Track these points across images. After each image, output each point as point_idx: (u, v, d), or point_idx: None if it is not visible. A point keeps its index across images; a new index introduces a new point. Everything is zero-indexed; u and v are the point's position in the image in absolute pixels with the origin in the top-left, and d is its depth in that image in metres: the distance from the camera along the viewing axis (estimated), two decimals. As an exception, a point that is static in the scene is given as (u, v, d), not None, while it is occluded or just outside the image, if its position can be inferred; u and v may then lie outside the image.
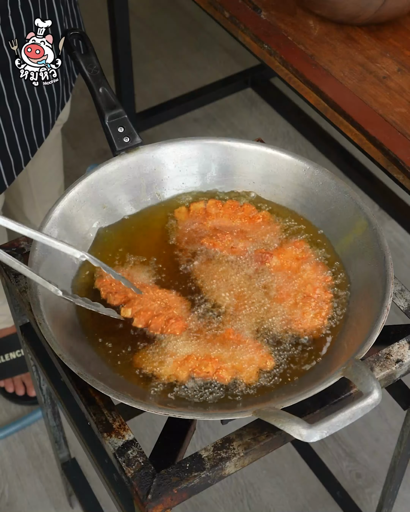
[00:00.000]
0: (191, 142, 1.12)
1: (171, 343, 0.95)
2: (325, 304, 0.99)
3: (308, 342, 0.97)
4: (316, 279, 1.01)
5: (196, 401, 0.91)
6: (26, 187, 1.55)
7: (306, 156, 2.30)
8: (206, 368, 0.92)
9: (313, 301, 0.99)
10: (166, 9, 2.95)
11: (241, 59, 2.71)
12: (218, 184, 1.13)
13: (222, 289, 1.01)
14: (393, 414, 1.85)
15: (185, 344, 0.95)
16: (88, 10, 2.85)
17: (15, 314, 1.19)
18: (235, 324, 0.97)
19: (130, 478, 0.88)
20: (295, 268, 1.03)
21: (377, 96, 1.28)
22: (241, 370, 0.93)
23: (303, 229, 1.08)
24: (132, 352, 0.96)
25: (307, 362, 0.95)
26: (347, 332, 0.96)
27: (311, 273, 1.02)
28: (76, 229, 1.05)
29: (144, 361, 0.94)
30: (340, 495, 1.69)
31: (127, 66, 2.15)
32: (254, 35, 1.39)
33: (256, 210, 1.10)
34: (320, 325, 0.97)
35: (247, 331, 0.97)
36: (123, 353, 0.96)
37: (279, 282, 1.01)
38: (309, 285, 1.00)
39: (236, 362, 0.93)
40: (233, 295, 1.00)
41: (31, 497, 1.76)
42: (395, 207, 2.22)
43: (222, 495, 1.75)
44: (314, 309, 0.98)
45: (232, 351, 0.94)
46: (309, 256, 1.04)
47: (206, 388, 0.92)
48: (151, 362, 0.94)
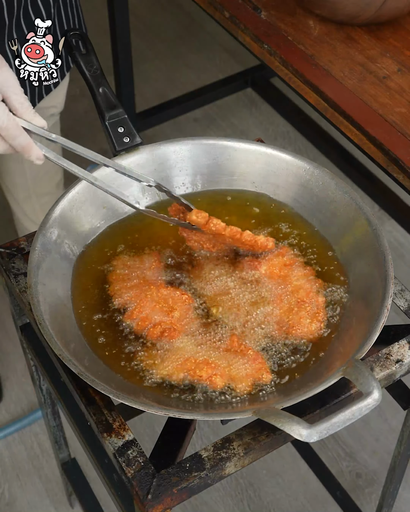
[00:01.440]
0: (191, 142, 1.12)
1: (173, 344, 0.95)
2: (320, 308, 0.99)
3: (308, 343, 0.97)
4: (307, 283, 1.01)
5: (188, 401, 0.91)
6: (22, 178, 1.55)
7: (306, 156, 2.30)
8: (200, 372, 0.92)
9: (308, 306, 0.99)
10: (166, 9, 2.95)
11: (241, 59, 2.71)
12: (218, 184, 1.13)
13: (222, 294, 1.00)
14: (393, 414, 1.85)
15: (186, 346, 0.95)
16: (88, 10, 2.85)
17: (15, 314, 1.19)
18: (242, 331, 0.97)
19: (130, 478, 0.88)
20: (284, 275, 1.02)
21: (377, 96, 1.28)
22: (235, 379, 0.92)
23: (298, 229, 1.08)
24: (132, 352, 0.96)
25: (307, 364, 0.95)
26: (347, 332, 0.96)
27: (302, 279, 1.02)
28: (76, 229, 1.05)
29: (144, 361, 0.94)
30: (340, 495, 1.69)
31: (127, 66, 2.15)
32: (254, 35, 1.39)
33: (255, 241, 1.02)
34: (318, 327, 0.97)
35: (252, 340, 0.96)
36: (123, 353, 0.96)
37: (272, 288, 1.01)
38: (301, 290, 1.00)
39: (233, 371, 0.93)
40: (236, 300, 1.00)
41: (31, 497, 1.76)
42: (395, 207, 2.22)
43: (222, 495, 1.75)
44: (309, 313, 0.98)
45: (232, 359, 0.94)
46: (298, 261, 1.04)
47: (193, 392, 0.92)
48: (151, 361, 0.94)
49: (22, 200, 1.61)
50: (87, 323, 0.98)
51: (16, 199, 1.61)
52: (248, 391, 0.91)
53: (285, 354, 0.95)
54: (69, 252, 1.03)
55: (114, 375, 0.93)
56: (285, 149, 1.12)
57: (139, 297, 0.99)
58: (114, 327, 0.98)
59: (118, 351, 0.96)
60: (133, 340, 0.97)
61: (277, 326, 0.97)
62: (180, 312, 0.98)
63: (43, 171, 1.55)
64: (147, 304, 0.98)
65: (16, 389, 1.93)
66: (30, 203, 1.61)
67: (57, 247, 1.02)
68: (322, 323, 0.98)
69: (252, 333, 0.97)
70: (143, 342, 0.96)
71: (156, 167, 1.10)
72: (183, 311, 0.98)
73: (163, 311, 0.98)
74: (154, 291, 0.99)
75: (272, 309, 0.99)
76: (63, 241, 1.03)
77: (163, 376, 0.93)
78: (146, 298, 0.98)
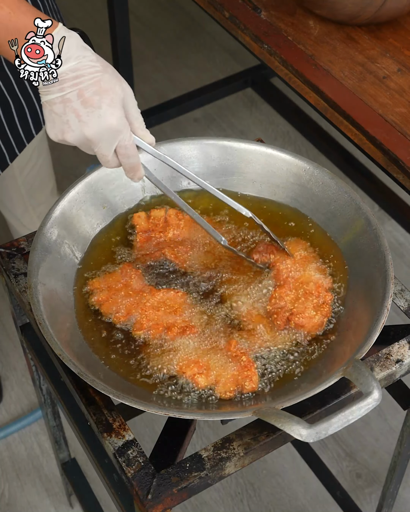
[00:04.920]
0: (191, 142, 1.12)
1: (173, 343, 0.95)
2: (325, 305, 0.99)
3: (308, 342, 0.97)
4: (317, 278, 1.01)
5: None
6: (17, 193, 1.55)
7: (306, 156, 2.30)
8: (185, 369, 0.92)
9: (315, 298, 0.99)
10: (166, 9, 2.95)
11: (241, 59, 2.71)
12: (217, 184, 1.13)
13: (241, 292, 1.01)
14: (393, 414, 1.85)
15: (185, 344, 0.95)
16: (88, 10, 2.85)
17: (15, 314, 1.19)
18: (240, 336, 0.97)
19: (130, 478, 0.88)
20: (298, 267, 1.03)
21: (377, 96, 1.28)
22: (219, 383, 0.92)
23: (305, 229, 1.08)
24: (131, 352, 0.96)
25: (306, 363, 0.95)
26: (347, 332, 0.96)
27: (313, 273, 1.02)
28: (76, 229, 1.05)
29: (144, 359, 0.94)
30: (340, 495, 1.69)
31: (127, 66, 2.14)
32: (253, 35, 1.39)
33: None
34: (320, 324, 0.97)
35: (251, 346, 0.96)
36: (123, 353, 0.96)
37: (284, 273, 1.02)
38: (311, 283, 1.00)
39: (219, 374, 0.92)
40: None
41: (31, 497, 1.76)
42: (395, 207, 2.22)
43: (222, 495, 1.75)
44: (315, 307, 0.98)
45: (224, 362, 0.93)
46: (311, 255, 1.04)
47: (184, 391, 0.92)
48: (151, 360, 0.94)
49: (20, 214, 1.61)
50: (87, 323, 0.98)
51: (14, 214, 1.62)
52: (229, 396, 0.91)
53: (278, 366, 0.95)
54: (69, 252, 1.04)
55: (114, 375, 0.93)
56: (285, 149, 1.12)
57: (138, 307, 0.98)
58: (114, 327, 0.98)
59: (118, 350, 0.96)
60: (133, 339, 0.97)
61: (280, 311, 0.97)
62: (184, 308, 0.98)
63: (36, 182, 1.56)
64: (151, 311, 0.98)
65: (16, 389, 1.93)
66: (28, 215, 1.62)
67: (57, 247, 1.02)
68: (325, 318, 0.98)
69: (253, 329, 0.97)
70: (142, 342, 0.96)
71: (156, 167, 1.10)
72: (186, 307, 0.99)
73: (168, 313, 0.98)
74: (149, 297, 0.99)
75: (278, 292, 0.99)
76: (63, 241, 1.03)
77: (164, 372, 0.93)
78: (146, 306, 0.98)
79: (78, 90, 0.86)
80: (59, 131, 0.89)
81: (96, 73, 0.87)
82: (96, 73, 0.87)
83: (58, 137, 0.90)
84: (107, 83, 0.88)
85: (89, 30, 1.49)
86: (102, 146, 0.90)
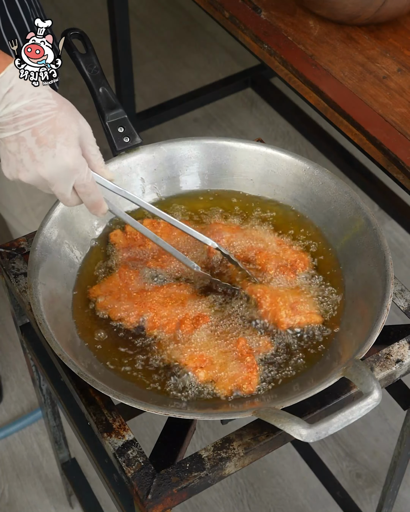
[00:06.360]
0: (191, 142, 1.12)
1: (186, 336, 0.96)
2: (321, 304, 0.99)
3: (308, 342, 0.97)
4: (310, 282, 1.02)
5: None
6: (15, 193, 1.55)
7: (306, 156, 2.30)
8: (187, 361, 0.92)
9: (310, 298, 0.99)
10: (166, 9, 2.95)
11: (241, 59, 2.71)
12: (217, 184, 1.13)
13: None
14: (393, 414, 1.85)
15: (200, 338, 0.95)
16: (88, 10, 2.85)
17: (15, 314, 1.19)
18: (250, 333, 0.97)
19: (130, 478, 0.88)
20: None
21: (377, 96, 1.28)
22: (218, 380, 0.92)
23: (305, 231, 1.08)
24: (131, 351, 0.96)
25: (306, 363, 0.95)
26: (347, 332, 0.96)
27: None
28: (76, 229, 1.06)
29: (145, 359, 0.94)
30: (340, 495, 1.69)
31: (127, 66, 2.15)
32: (253, 35, 1.39)
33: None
34: (319, 322, 0.97)
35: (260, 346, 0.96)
36: (123, 353, 0.96)
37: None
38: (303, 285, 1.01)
39: (221, 371, 0.92)
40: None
41: (31, 497, 1.76)
42: (395, 207, 2.22)
43: (222, 495, 1.75)
44: (312, 306, 0.98)
45: (227, 359, 0.94)
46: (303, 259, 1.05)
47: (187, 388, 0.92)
48: (151, 360, 0.94)
49: (18, 214, 1.61)
50: (86, 323, 0.98)
51: (13, 214, 1.62)
52: (225, 394, 0.91)
53: (280, 366, 0.95)
54: (69, 252, 1.04)
55: (114, 375, 0.93)
56: (285, 149, 1.12)
57: (146, 306, 0.98)
58: (113, 326, 0.98)
59: (118, 350, 0.96)
60: (132, 338, 0.97)
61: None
62: (191, 299, 0.98)
63: None
64: (160, 308, 0.98)
65: (16, 389, 1.93)
66: (27, 216, 1.61)
67: (57, 247, 1.02)
68: (325, 318, 0.98)
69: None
70: (142, 339, 0.96)
71: (156, 167, 1.11)
72: (192, 297, 0.99)
73: (176, 306, 0.98)
74: (155, 295, 0.99)
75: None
76: (63, 241, 1.03)
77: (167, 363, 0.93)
78: (154, 304, 0.98)
79: (32, 129, 0.84)
80: (13, 170, 0.86)
81: (51, 111, 0.85)
82: (51, 111, 0.85)
83: (13, 176, 0.87)
84: (63, 121, 0.85)
85: (89, 30, 1.49)
86: (59, 186, 0.87)
